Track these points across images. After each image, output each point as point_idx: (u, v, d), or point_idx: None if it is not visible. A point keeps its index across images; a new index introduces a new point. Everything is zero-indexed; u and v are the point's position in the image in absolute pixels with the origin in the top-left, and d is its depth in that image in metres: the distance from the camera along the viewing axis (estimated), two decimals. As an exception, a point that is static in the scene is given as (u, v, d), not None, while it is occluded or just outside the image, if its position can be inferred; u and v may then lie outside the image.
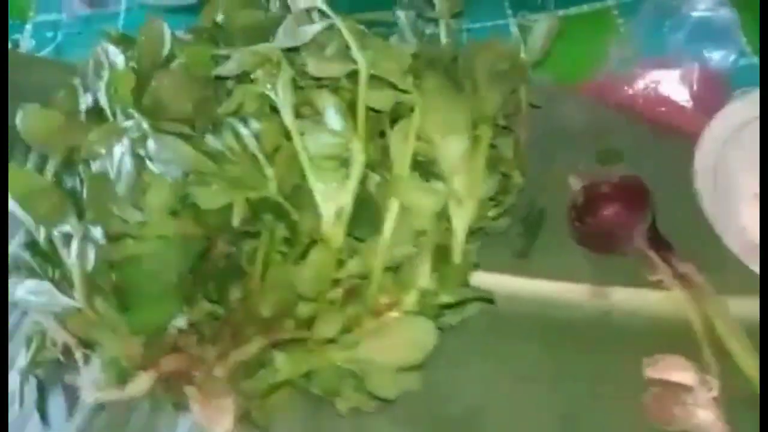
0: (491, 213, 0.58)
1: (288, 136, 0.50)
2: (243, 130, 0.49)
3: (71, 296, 0.51)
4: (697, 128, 0.66)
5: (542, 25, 0.58)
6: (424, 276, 0.49)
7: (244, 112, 0.51)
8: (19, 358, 0.62)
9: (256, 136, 0.49)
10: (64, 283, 0.52)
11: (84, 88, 0.61)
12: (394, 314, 0.49)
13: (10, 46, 0.86)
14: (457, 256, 0.51)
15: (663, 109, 0.70)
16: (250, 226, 0.49)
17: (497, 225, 0.60)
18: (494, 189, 0.54)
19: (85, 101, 0.60)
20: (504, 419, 0.54)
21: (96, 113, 0.60)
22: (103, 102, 0.58)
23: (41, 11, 0.89)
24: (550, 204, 0.65)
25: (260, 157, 0.49)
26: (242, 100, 0.50)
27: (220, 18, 0.62)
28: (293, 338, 0.52)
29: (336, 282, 0.50)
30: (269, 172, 0.49)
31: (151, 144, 0.50)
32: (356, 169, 0.46)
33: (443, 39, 0.58)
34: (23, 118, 0.58)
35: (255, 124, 0.50)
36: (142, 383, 0.49)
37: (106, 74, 0.59)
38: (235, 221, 0.48)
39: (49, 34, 0.86)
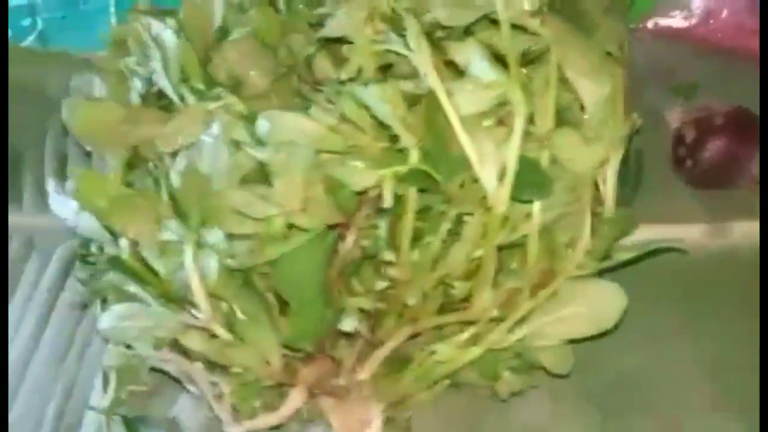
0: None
1: (415, 100, 0.44)
2: (368, 96, 0.42)
3: (187, 313, 0.43)
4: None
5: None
6: (584, 236, 0.45)
7: (360, 77, 0.44)
8: (94, 395, 0.54)
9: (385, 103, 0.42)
10: (165, 303, 0.44)
11: (130, 73, 0.52)
12: (558, 281, 0.45)
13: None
14: (609, 209, 0.47)
15: (729, 35, 0.68)
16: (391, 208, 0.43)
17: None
18: (629, 132, 0.50)
19: (136, 88, 0.51)
20: (658, 382, 0.51)
21: (153, 100, 0.51)
22: (165, 85, 0.49)
23: (12, -5, 0.76)
24: (644, 147, 0.62)
25: (395, 124, 0.42)
26: (361, 63, 0.43)
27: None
28: (439, 326, 0.47)
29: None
30: (408, 139, 0.42)
31: (262, 125, 0.42)
32: (519, 123, 0.41)
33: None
34: (71, 116, 0.48)
35: (376, 89, 0.43)
36: (295, 401, 0.43)
37: (156, 54, 0.50)
38: (387, 201, 0.41)
39: (26, 22, 0.74)
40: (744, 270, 0.55)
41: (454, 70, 0.44)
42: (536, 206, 0.45)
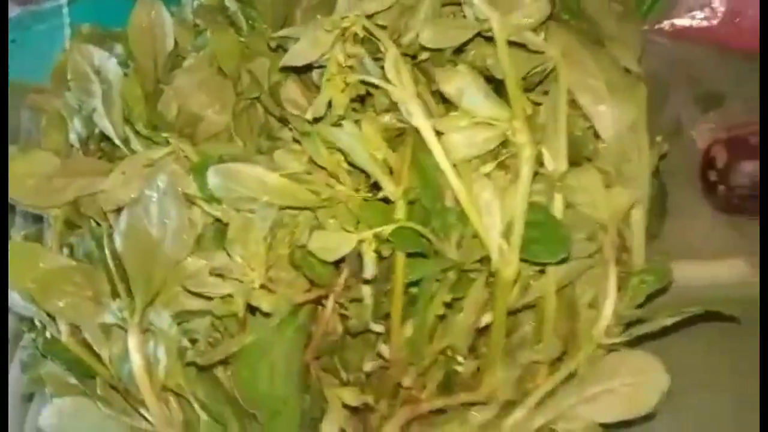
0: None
1: (397, 136, 0.36)
2: (344, 138, 0.35)
3: (133, 415, 0.36)
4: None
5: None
6: (610, 296, 0.37)
7: (332, 114, 0.36)
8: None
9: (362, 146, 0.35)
10: (111, 404, 0.37)
11: (69, 113, 0.44)
12: (584, 352, 0.37)
13: None
14: (638, 258, 0.39)
15: (756, 36, 0.60)
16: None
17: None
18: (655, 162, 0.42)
19: (76, 131, 0.44)
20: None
21: (96, 146, 0.44)
22: (106, 127, 0.42)
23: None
24: (666, 170, 0.54)
25: (374, 171, 0.35)
26: (332, 96, 0.35)
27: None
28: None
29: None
30: (390, 189, 0.35)
31: (213, 180, 0.35)
32: (527, 168, 0.33)
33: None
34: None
35: (352, 128, 0.35)
36: None
37: (97, 88, 0.43)
38: (369, 270, 0.34)
39: (-26, 46, 0.67)
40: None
41: (443, 98, 0.36)
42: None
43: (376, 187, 0.36)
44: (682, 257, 0.50)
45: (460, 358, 0.37)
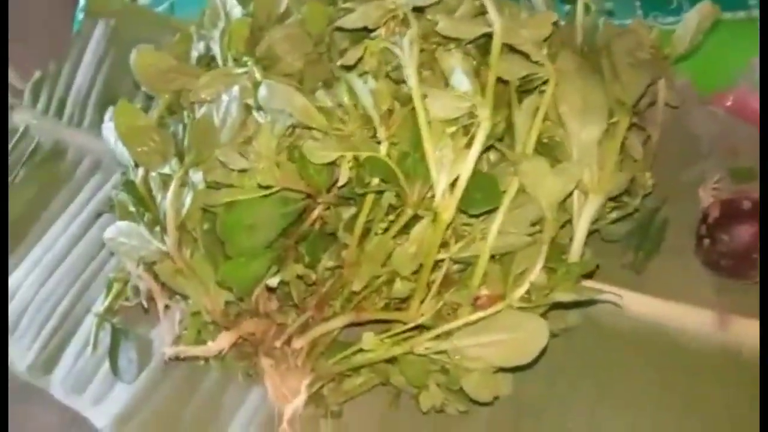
0: (612, 215, 0.52)
1: (404, 99, 0.47)
2: (359, 86, 0.46)
3: (162, 242, 0.49)
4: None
5: (695, 15, 0.52)
6: (535, 270, 0.44)
7: (361, 69, 0.47)
8: (97, 303, 0.62)
9: (371, 95, 0.46)
10: (156, 228, 0.51)
11: (198, 36, 0.60)
12: (496, 308, 0.44)
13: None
14: (574, 254, 0.46)
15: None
16: (352, 191, 0.46)
17: (614, 230, 0.54)
18: (622, 187, 0.48)
19: (198, 49, 0.59)
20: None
21: (207, 61, 0.59)
22: (216, 50, 0.57)
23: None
24: (672, 217, 0.59)
25: (374, 116, 0.45)
26: (362, 55, 0.47)
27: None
28: (380, 320, 0.49)
29: (437, 264, 0.46)
30: (382, 132, 0.45)
31: (262, 91, 0.47)
32: (480, 136, 0.42)
33: (579, 18, 0.53)
34: (136, 58, 0.57)
35: (371, 83, 0.46)
36: (222, 342, 0.46)
37: (221, 23, 0.58)
38: (342, 179, 0.44)
39: (164, -7, 0.87)
40: (736, 368, 0.50)
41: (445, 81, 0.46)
42: (493, 228, 0.45)
43: (374, 132, 0.46)
44: (654, 293, 0.55)
45: (399, 281, 0.46)
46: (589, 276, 0.48)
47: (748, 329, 0.52)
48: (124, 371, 0.57)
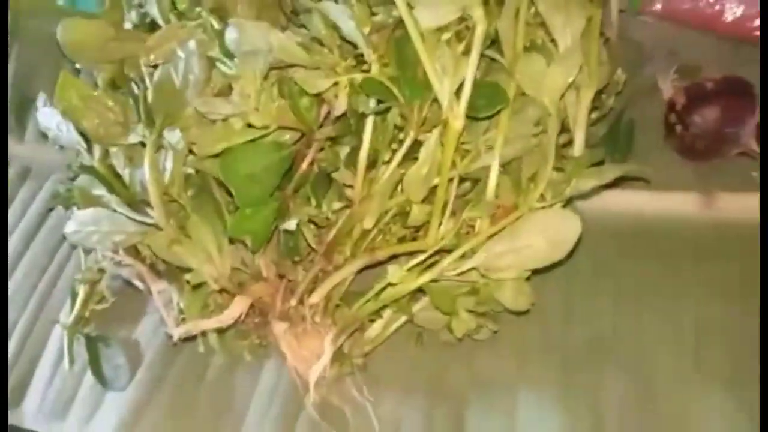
0: (593, 115, 0.53)
1: (382, 22, 0.44)
2: (336, 12, 0.43)
3: (145, 216, 0.44)
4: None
5: None
6: (548, 168, 0.44)
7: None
8: (61, 314, 0.55)
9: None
10: (125, 206, 0.45)
11: (128, 5, 0.54)
12: (517, 213, 0.43)
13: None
14: (578, 149, 0.46)
15: (729, 19, 0.66)
16: (348, 122, 0.43)
17: (594, 131, 0.55)
18: (605, 81, 0.49)
19: (130, 18, 0.54)
20: (631, 349, 0.49)
21: (146, 29, 0.53)
22: (155, 13, 0.51)
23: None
24: (635, 117, 0.61)
25: (359, 40, 0.43)
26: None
27: None
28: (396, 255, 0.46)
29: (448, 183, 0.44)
30: (370, 55, 0.42)
31: (231, 33, 0.43)
32: (479, 38, 0.41)
33: None
34: (65, 32, 0.50)
35: (346, 8, 0.44)
36: (236, 309, 0.42)
37: (150, -17, 0.53)
38: (340, 107, 0.41)
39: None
40: (730, 242, 0.53)
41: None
42: (499, 136, 0.44)
43: (359, 60, 0.44)
44: (637, 187, 0.56)
45: (414, 207, 0.44)
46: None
47: (734, 203, 0.54)
48: (113, 380, 0.51)
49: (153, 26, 0.53)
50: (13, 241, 0.59)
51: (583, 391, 0.47)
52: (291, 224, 0.42)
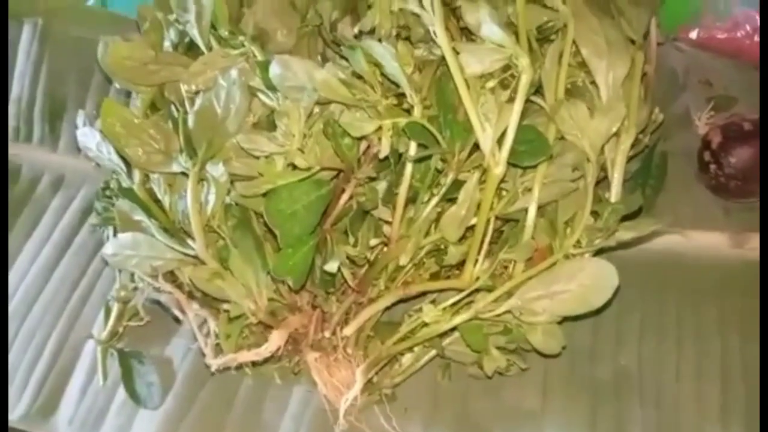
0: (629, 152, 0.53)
1: (425, 61, 0.45)
2: (380, 52, 0.43)
3: (184, 246, 0.44)
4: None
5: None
6: (585, 215, 0.44)
7: (377, 35, 0.45)
8: (94, 328, 0.56)
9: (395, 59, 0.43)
10: (165, 234, 0.46)
11: (166, 23, 0.54)
12: (553, 258, 0.44)
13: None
14: (615, 194, 0.46)
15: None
16: (389, 163, 0.44)
17: (629, 169, 0.55)
18: (644, 123, 0.49)
19: (170, 37, 0.54)
20: (656, 382, 0.49)
21: (185, 49, 0.54)
22: (195, 35, 0.52)
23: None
24: (669, 151, 0.61)
25: (402, 80, 0.43)
26: (378, 18, 0.44)
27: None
28: (429, 291, 0.47)
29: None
30: (413, 96, 0.43)
31: (275, 69, 0.43)
32: (523, 87, 0.41)
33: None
34: (107, 53, 0.51)
35: (390, 47, 0.44)
36: (275, 342, 0.43)
37: (192, 5, 0.53)
38: (384, 150, 0.42)
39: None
40: (756, 280, 0.53)
41: (468, 37, 0.45)
42: (537, 179, 0.44)
43: (401, 99, 0.44)
44: (671, 227, 0.56)
45: (450, 247, 0.44)
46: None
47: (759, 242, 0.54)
48: (146, 398, 0.52)
49: (192, 46, 0.53)
50: (45, 253, 0.60)
51: (608, 424, 0.48)
52: (332, 266, 0.42)
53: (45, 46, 0.70)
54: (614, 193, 0.46)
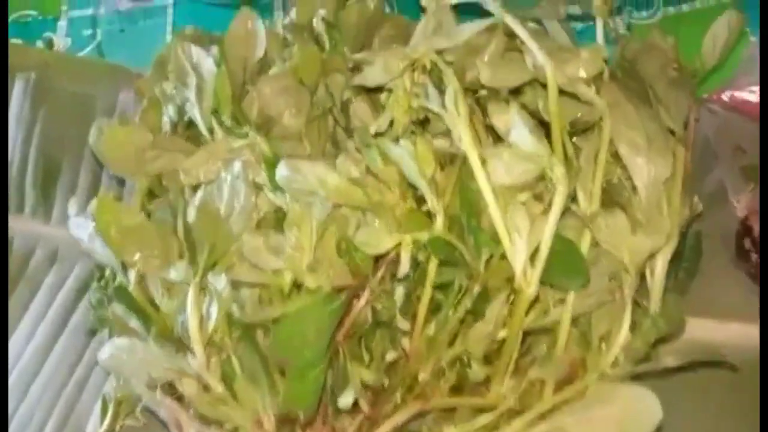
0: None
1: (446, 161, 0.41)
2: (398, 153, 0.39)
3: (182, 359, 0.41)
4: None
5: (723, 25, 0.49)
6: (623, 331, 0.40)
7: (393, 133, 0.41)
8: (89, 423, 0.52)
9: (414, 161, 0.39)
10: (162, 344, 0.42)
11: (164, 97, 0.51)
12: (588, 380, 0.40)
13: (41, 44, 0.75)
14: (655, 305, 0.42)
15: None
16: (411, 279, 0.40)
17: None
18: (686, 218, 0.45)
19: (169, 114, 0.50)
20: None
21: (183, 128, 0.50)
22: (195, 114, 0.48)
23: (75, 6, 0.77)
24: (703, 231, 0.57)
25: (422, 185, 0.39)
26: (394, 116, 0.40)
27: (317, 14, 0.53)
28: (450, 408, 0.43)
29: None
30: (435, 204, 0.39)
31: (282, 171, 0.40)
32: (559, 200, 0.37)
33: (600, 38, 0.49)
34: (101, 137, 0.47)
35: (409, 146, 0.40)
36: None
37: (191, 79, 0.49)
38: (403, 268, 0.38)
39: (87, 32, 0.75)
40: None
41: (495, 134, 0.41)
42: (571, 293, 0.40)
43: (421, 201, 0.40)
44: (703, 314, 0.52)
45: (474, 365, 0.40)
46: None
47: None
48: (141, 505, 0.48)
49: (191, 124, 0.49)
50: (41, 333, 0.56)
51: None
52: (347, 400, 0.39)
53: (38, 103, 0.66)
54: (654, 303, 0.42)
